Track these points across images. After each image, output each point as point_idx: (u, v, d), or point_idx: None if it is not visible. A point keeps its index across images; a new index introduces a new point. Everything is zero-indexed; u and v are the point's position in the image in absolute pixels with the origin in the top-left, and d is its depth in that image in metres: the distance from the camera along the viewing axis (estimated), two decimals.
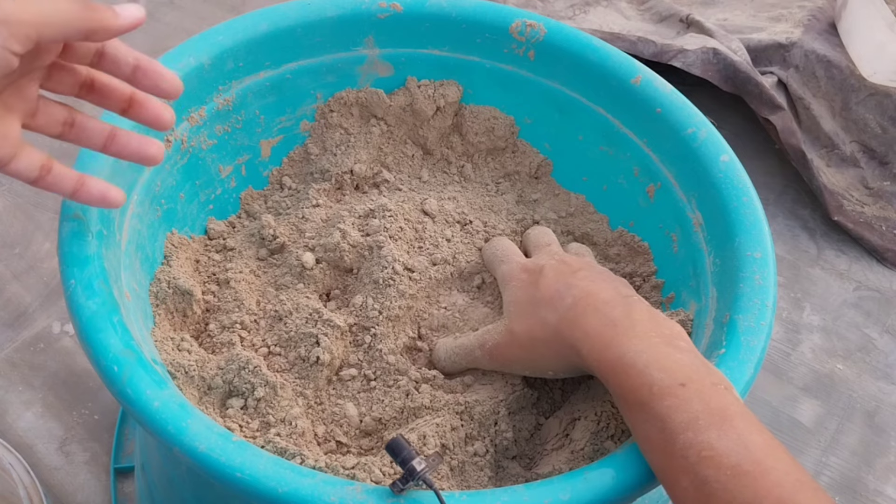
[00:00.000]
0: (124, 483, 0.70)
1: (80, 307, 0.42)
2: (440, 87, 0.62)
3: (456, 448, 0.47)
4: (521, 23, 0.59)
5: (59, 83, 0.41)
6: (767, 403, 0.80)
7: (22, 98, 0.39)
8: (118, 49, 0.41)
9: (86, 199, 0.43)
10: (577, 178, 0.62)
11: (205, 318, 0.53)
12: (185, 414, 0.39)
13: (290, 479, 0.38)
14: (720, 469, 0.36)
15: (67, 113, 0.42)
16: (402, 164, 0.62)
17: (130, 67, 0.41)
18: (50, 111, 0.42)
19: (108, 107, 0.43)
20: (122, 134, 0.43)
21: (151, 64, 0.41)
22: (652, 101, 0.56)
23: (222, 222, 0.58)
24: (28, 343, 0.78)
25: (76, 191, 0.43)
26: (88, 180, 0.43)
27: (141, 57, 0.41)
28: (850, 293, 0.89)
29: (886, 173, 0.96)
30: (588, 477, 0.40)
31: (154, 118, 0.43)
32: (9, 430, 0.72)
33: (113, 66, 0.41)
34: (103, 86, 0.42)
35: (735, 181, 0.51)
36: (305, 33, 0.58)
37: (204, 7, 1.12)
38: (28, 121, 0.41)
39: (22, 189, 0.89)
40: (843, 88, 0.96)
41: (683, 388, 0.38)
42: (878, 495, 0.75)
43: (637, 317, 0.43)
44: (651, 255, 0.57)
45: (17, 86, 0.39)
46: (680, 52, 0.93)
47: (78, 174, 0.43)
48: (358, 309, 0.52)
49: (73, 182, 0.42)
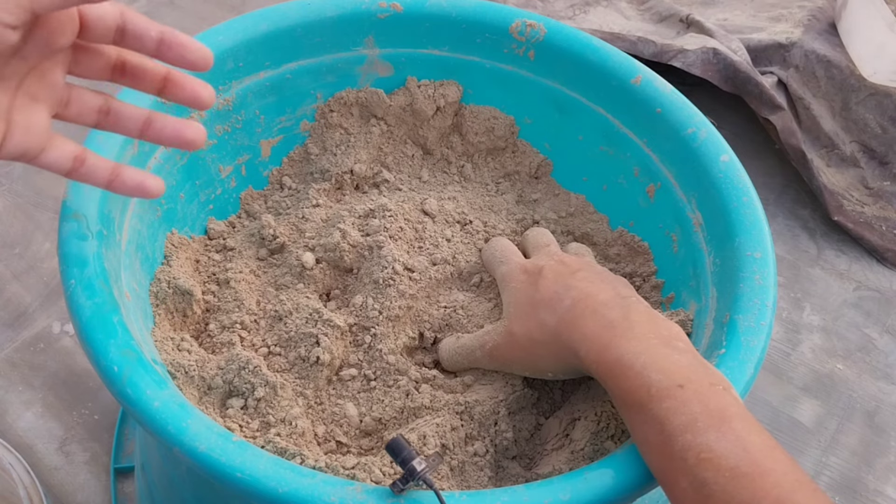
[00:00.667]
0: (124, 483, 0.70)
1: (80, 307, 0.42)
2: (440, 87, 0.62)
3: (456, 448, 0.47)
4: (521, 23, 0.59)
5: (87, 67, 0.39)
6: (767, 403, 0.80)
7: (46, 86, 0.38)
8: (139, 23, 0.38)
9: (122, 190, 0.42)
10: (577, 178, 0.62)
11: (205, 318, 0.53)
12: (185, 414, 0.39)
13: (290, 479, 0.38)
14: (719, 471, 0.36)
15: (103, 100, 0.40)
16: (402, 164, 0.62)
17: (154, 42, 0.38)
18: (83, 100, 0.40)
19: (144, 88, 0.41)
20: (159, 118, 0.41)
21: (176, 36, 0.38)
22: (652, 101, 0.56)
23: (222, 222, 0.58)
24: (28, 343, 0.78)
25: (111, 181, 0.41)
26: (124, 170, 0.41)
27: (164, 29, 0.38)
28: (850, 293, 0.89)
29: (886, 173, 0.96)
30: (588, 477, 0.40)
31: (192, 97, 0.41)
32: (9, 430, 0.72)
33: (136, 42, 0.38)
34: (135, 66, 0.40)
35: (735, 181, 0.51)
36: (305, 33, 0.58)
37: (204, 7, 1.12)
38: (61, 111, 0.39)
39: (22, 189, 0.89)
40: (843, 88, 0.96)
41: (682, 390, 0.38)
42: (878, 495, 0.75)
43: (635, 318, 0.43)
44: (651, 255, 0.57)
45: (38, 72, 0.37)
46: (680, 52, 0.93)
47: (113, 164, 0.41)
48: (358, 309, 0.52)
49: (107, 173, 0.41)
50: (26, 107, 0.37)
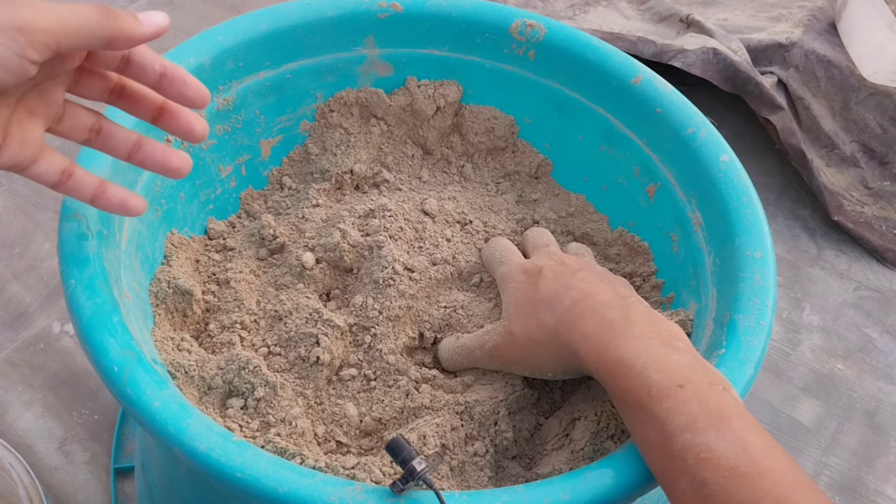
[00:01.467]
0: (124, 483, 0.70)
1: (80, 307, 0.42)
2: (440, 87, 0.62)
3: (456, 448, 0.47)
4: (521, 23, 0.59)
5: (88, 88, 0.40)
6: (767, 403, 0.80)
7: (45, 102, 0.39)
8: (144, 55, 0.39)
9: (105, 206, 0.43)
10: (577, 178, 0.62)
11: (205, 318, 0.53)
12: (185, 414, 0.39)
13: (290, 479, 0.38)
14: (718, 471, 0.36)
15: (95, 119, 0.41)
16: (402, 164, 0.62)
17: (157, 75, 0.39)
18: (77, 117, 0.41)
19: (138, 114, 0.42)
20: (148, 143, 0.42)
21: (177, 71, 0.40)
22: (652, 101, 0.56)
23: (222, 222, 0.58)
24: (28, 343, 0.78)
25: (96, 197, 0.42)
26: (109, 187, 0.42)
27: (168, 64, 0.40)
28: (850, 293, 0.89)
29: (886, 173, 0.96)
30: (588, 477, 0.40)
31: (185, 129, 0.42)
32: (9, 430, 0.72)
33: (139, 73, 0.40)
34: (133, 92, 0.41)
35: (735, 181, 0.51)
36: (305, 33, 0.58)
37: (204, 7, 1.12)
38: (53, 126, 0.40)
39: (22, 189, 0.89)
40: (843, 88, 0.96)
41: (681, 390, 0.38)
42: (878, 495, 0.75)
43: (635, 318, 0.43)
44: (651, 255, 0.57)
45: (40, 90, 0.38)
46: (680, 52, 0.93)
47: (99, 180, 0.42)
48: (358, 309, 0.52)
49: (92, 188, 0.42)
50: (24, 120, 0.38)
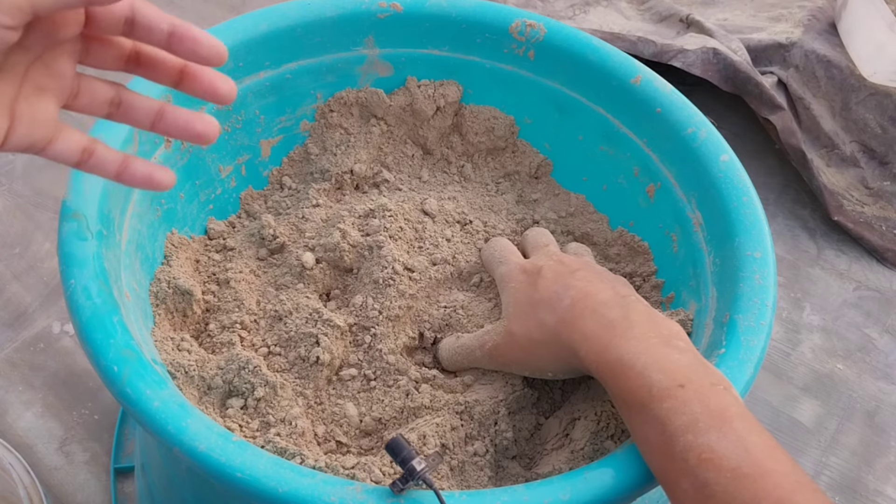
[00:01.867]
0: (124, 483, 0.70)
1: (80, 307, 0.42)
2: (440, 87, 0.62)
3: (456, 448, 0.47)
4: (520, 23, 0.59)
5: (99, 58, 0.38)
6: (767, 403, 0.80)
7: (54, 77, 0.37)
8: (149, 15, 0.36)
9: (130, 182, 0.40)
10: (577, 178, 0.62)
11: (205, 318, 0.53)
12: (184, 414, 0.39)
13: (290, 479, 0.38)
14: (720, 472, 0.36)
15: (114, 92, 0.39)
16: (402, 164, 0.62)
17: (165, 35, 0.36)
18: (94, 91, 0.39)
19: (159, 80, 0.39)
20: (171, 110, 0.40)
21: (188, 29, 0.37)
22: (652, 101, 0.56)
23: (222, 222, 0.58)
24: (28, 343, 0.78)
25: (120, 173, 0.40)
26: (133, 162, 0.40)
27: (177, 22, 0.36)
28: (850, 293, 0.89)
29: (886, 173, 0.96)
30: (588, 477, 0.40)
31: (209, 90, 0.39)
32: (9, 430, 0.72)
33: (146, 34, 0.37)
34: (150, 57, 0.38)
35: (735, 181, 0.51)
36: (305, 33, 0.58)
37: (204, 7, 1.12)
38: (70, 102, 0.38)
39: (22, 189, 0.89)
40: (843, 88, 0.96)
41: (682, 390, 0.38)
42: (878, 495, 0.75)
43: (635, 317, 0.43)
44: (651, 254, 0.57)
45: (44, 63, 0.36)
46: (680, 52, 0.93)
47: (123, 155, 0.40)
48: (358, 309, 0.52)
49: (116, 164, 0.40)
50: (32, 97, 0.36)
